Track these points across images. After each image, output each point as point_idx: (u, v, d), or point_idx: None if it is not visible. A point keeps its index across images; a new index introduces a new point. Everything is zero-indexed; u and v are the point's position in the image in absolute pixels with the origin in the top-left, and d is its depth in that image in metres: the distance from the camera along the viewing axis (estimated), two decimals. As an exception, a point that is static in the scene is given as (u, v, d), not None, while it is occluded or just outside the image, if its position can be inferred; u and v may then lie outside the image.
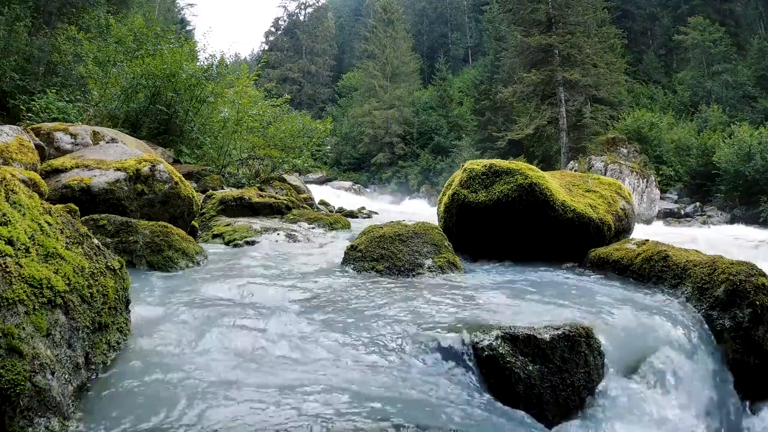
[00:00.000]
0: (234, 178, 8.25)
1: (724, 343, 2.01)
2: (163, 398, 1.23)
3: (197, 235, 4.06)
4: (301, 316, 1.91)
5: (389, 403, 1.30)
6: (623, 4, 37.81)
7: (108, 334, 1.46)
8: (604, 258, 2.88)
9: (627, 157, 22.96)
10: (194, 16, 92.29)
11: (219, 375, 1.38)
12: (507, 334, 1.63)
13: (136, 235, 2.69)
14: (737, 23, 35.27)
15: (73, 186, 3.23)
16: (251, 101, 9.73)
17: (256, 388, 1.31)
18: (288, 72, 50.39)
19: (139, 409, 1.19)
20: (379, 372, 1.49)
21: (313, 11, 57.41)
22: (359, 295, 2.20)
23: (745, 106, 27.98)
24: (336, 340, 1.68)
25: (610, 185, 3.76)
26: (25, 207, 1.37)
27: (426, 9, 55.79)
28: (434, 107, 39.34)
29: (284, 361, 1.52)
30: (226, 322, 1.78)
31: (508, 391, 1.54)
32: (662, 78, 35.30)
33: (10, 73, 10.82)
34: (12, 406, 1.00)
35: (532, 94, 26.87)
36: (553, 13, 26.36)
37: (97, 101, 8.46)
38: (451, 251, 2.89)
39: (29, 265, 1.20)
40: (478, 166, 3.25)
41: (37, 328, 1.14)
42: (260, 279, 2.51)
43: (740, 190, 20.45)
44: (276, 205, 5.17)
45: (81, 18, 13.55)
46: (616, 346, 1.78)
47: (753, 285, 2.06)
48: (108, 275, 1.53)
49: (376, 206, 14.45)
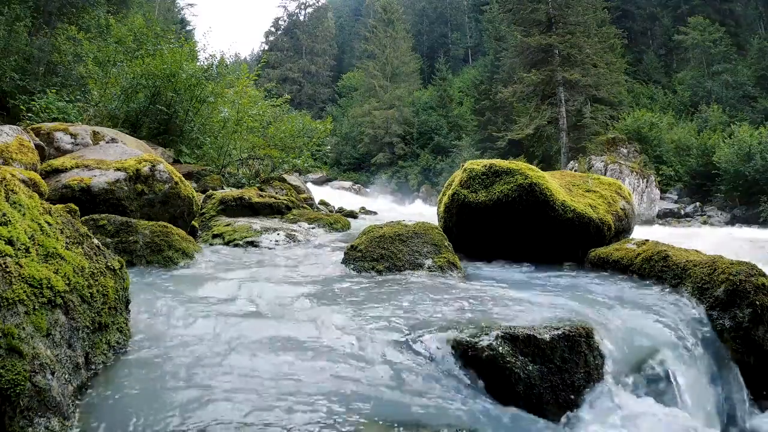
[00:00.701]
0: (234, 178, 8.25)
1: (725, 343, 2.01)
2: (163, 398, 1.23)
3: (197, 235, 4.06)
4: (301, 316, 1.91)
5: (389, 401, 1.30)
6: (623, 4, 37.82)
7: (108, 334, 1.46)
8: (604, 258, 2.88)
9: (627, 157, 22.97)
10: (194, 16, 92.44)
11: (219, 375, 1.38)
12: (507, 333, 1.63)
13: (136, 235, 2.69)
14: (737, 23, 35.29)
15: (73, 186, 3.23)
16: (251, 101, 9.72)
17: (256, 388, 1.31)
18: (288, 72, 50.41)
19: (139, 409, 1.19)
20: (378, 371, 1.49)
21: (313, 11, 57.43)
22: (359, 295, 2.20)
23: (745, 106, 27.99)
24: (337, 340, 1.67)
25: (610, 185, 3.76)
26: (25, 207, 1.37)
27: (426, 9, 55.81)
28: (434, 107, 39.35)
29: (285, 362, 1.52)
30: (226, 322, 1.78)
31: (508, 391, 1.54)
32: (662, 78, 35.32)
33: (10, 73, 10.82)
34: (12, 406, 1.00)
35: (532, 94, 26.88)
36: (553, 13, 26.37)
37: (97, 101, 8.46)
38: (451, 251, 2.89)
39: (29, 265, 1.20)
40: (478, 166, 3.25)
41: (37, 328, 1.14)
42: (260, 279, 2.51)
43: (740, 190, 20.46)
44: (276, 205, 5.17)
45: (81, 18, 13.55)
46: (617, 346, 1.78)
47: (753, 285, 2.06)
48: (108, 275, 1.53)
49: (376, 206, 14.44)
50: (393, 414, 1.22)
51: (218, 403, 1.21)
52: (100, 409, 1.20)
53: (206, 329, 1.70)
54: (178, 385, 1.30)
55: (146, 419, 1.14)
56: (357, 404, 1.27)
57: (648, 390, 1.72)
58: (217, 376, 1.37)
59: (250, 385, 1.32)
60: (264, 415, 1.17)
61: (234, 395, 1.26)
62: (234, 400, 1.23)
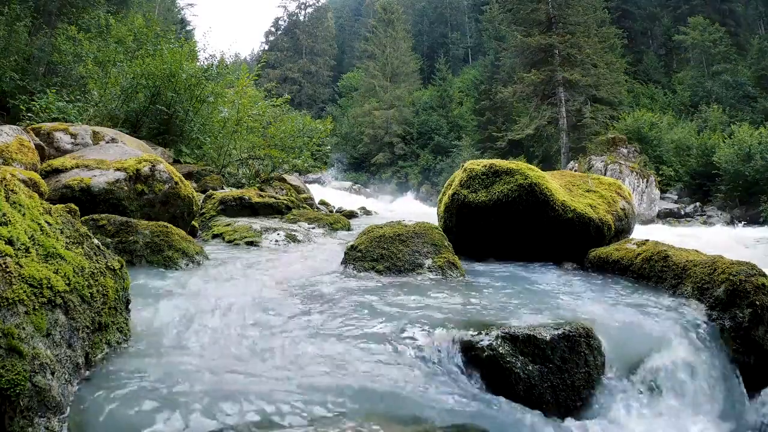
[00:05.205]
0: (234, 178, 8.24)
1: (725, 343, 2.00)
2: (163, 398, 1.23)
3: (197, 235, 4.06)
4: (301, 316, 1.91)
5: (388, 401, 1.30)
6: (623, 4, 37.83)
7: (108, 334, 1.46)
8: (604, 258, 2.88)
9: (627, 157, 22.95)
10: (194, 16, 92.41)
11: (219, 375, 1.38)
12: (507, 333, 1.63)
13: (136, 235, 2.69)
14: (737, 23, 35.31)
15: (73, 186, 3.23)
16: (251, 101, 9.71)
17: (256, 388, 1.31)
18: (288, 72, 50.41)
19: (139, 409, 1.18)
20: (378, 371, 1.49)
21: (313, 11, 57.44)
22: (359, 295, 2.20)
23: (745, 106, 27.99)
24: (337, 340, 1.67)
25: (610, 185, 3.76)
26: (25, 207, 1.37)
27: (426, 9, 55.83)
28: (434, 107, 39.35)
29: (285, 362, 1.52)
30: (225, 321, 1.78)
31: (508, 391, 1.54)
32: (662, 78, 35.32)
33: (10, 73, 10.82)
34: (12, 406, 1.00)
35: (532, 94, 26.89)
36: (553, 13, 26.37)
37: (97, 101, 8.45)
38: (451, 251, 2.89)
39: (29, 265, 1.20)
40: (478, 166, 3.25)
41: (37, 328, 1.14)
42: (260, 279, 2.51)
43: (740, 190, 20.44)
44: (276, 205, 5.17)
45: (81, 18, 13.56)
46: (616, 346, 1.78)
47: (753, 285, 2.06)
48: (108, 275, 1.53)
49: (376, 206, 14.44)
50: (391, 412, 1.22)
51: (219, 402, 1.21)
52: (100, 409, 1.20)
53: (206, 329, 1.70)
54: (179, 385, 1.30)
55: (146, 419, 1.14)
56: (359, 401, 1.27)
57: (648, 390, 1.72)
58: (217, 375, 1.37)
59: (250, 385, 1.32)
60: (265, 415, 1.17)
61: (235, 394, 1.26)
62: (236, 399, 1.23)
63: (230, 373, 1.40)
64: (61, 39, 11.46)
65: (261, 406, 1.21)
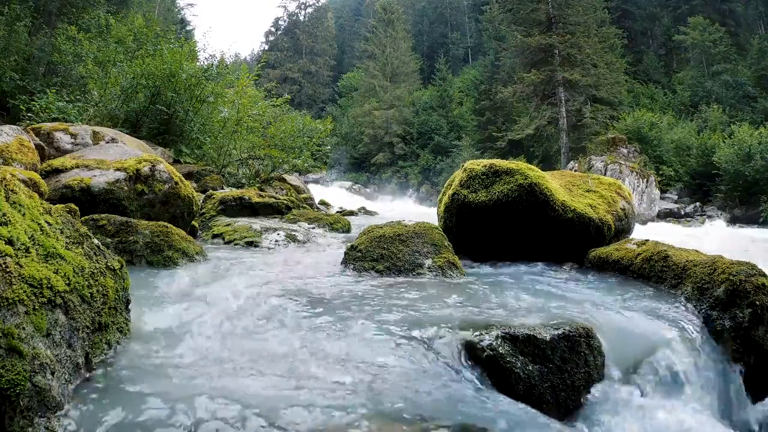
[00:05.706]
0: (234, 178, 8.24)
1: (725, 343, 2.01)
2: (163, 398, 1.23)
3: (197, 235, 4.06)
4: (301, 316, 1.91)
5: (388, 400, 1.30)
6: (623, 4, 37.85)
7: (108, 334, 1.46)
8: (604, 258, 2.88)
9: (627, 157, 22.96)
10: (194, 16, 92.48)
11: (220, 374, 1.38)
12: (507, 333, 1.63)
13: (136, 235, 2.69)
14: (737, 23, 35.33)
15: (73, 186, 3.23)
16: (251, 101, 9.72)
17: (257, 387, 1.31)
18: (288, 72, 50.44)
19: (139, 409, 1.18)
20: (379, 371, 1.49)
21: (313, 11, 57.47)
22: (359, 295, 2.20)
23: (745, 106, 28.00)
24: (337, 340, 1.67)
25: (610, 185, 3.76)
26: (25, 207, 1.37)
27: (426, 9, 55.85)
28: (434, 107, 39.36)
29: (285, 362, 1.52)
30: (225, 321, 1.78)
31: (508, 391, 1.54)
32: (662, 78, 35.34)
33: (10, 73, 10.83)
34: (12, 406, 1.00)
35: (532, 94, 26.90)
36: (553, 13, 26.38)
37: (97, 101, 8.45)
38: (451, 251, 2.89)
39: (29, 265, 1.20)
40: (478, 166, 3.25)
41: (37, 328, 1.14)
42: (260, 279, 2.51)
43: (740, 190, 20.45)
44: (276, 205, 5.17)
45: (81, 18, 13.56)
46: (616, 346, 1.78)
47: (753, 285, 2.06)
48: (108, 275, 1.53)
49: (376, 206, 14.45)
50: (392, 411, 1.22)
51: (219, 403, 1.21)
52: (100, 409, 1.19)
53: (206, 329, 1.70)
54: (179, 385, 1.30)
55: (146, 419, 1.14)
56: (359, 400, 1.27)
57: (649, 390, 1.72)
58: (216, 374, 1.37)
59: (251, 385, 1.32)
60: (267, 414, 1.17)
61: (236, 394, 1.26)
62: (236, 399, 1.23)
63: (231, 373, 1.40)
64: (61, 39, 11.47)
65: (262, 405, 1.20)
